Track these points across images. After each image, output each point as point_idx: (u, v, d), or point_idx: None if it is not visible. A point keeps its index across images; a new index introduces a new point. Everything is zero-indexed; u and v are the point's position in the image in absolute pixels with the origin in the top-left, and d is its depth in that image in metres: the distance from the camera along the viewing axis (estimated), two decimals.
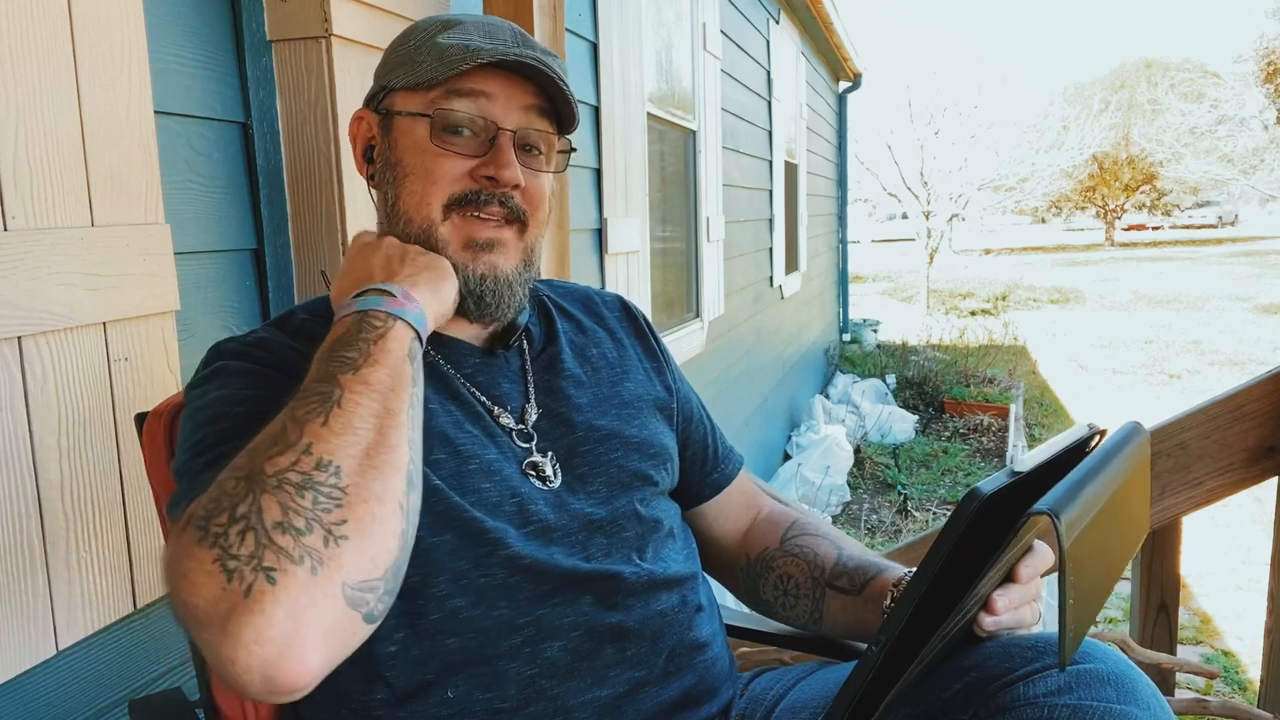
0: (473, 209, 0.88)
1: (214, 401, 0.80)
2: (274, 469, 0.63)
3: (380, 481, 0.66)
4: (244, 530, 0.60)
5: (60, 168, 1.08)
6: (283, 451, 0.64)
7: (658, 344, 1.10)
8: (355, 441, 0.66)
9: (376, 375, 0.71)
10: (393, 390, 0.71)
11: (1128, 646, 1.63)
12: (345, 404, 0.68)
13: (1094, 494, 0.64)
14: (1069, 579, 0.59)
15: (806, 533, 1.07)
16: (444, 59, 0.87)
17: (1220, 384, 7.46)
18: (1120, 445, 0.75)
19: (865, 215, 30.38)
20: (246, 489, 0.62)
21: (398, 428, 0.69)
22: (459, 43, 0.87)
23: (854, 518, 5.35)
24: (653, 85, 3.54)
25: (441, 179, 0.88)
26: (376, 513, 0.64)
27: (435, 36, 0.89)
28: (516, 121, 0.89)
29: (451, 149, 0.88)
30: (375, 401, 0.69)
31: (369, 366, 0.71)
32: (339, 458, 0.65)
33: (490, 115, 0.88)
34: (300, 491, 0.62)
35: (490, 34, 0.89)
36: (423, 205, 0.88)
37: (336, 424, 0.66)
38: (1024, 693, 0.77)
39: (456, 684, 0.83)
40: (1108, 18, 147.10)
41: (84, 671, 1.15)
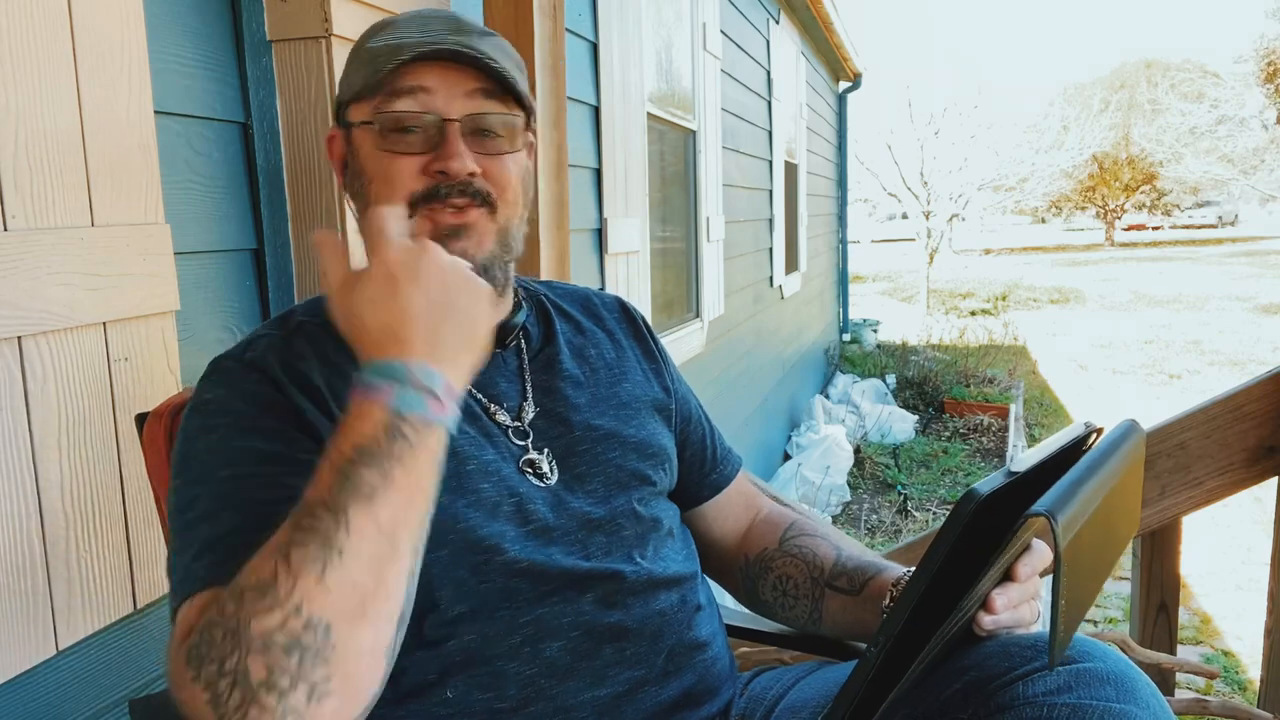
0: (436, 203, 0.87)
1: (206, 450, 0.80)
2: (261, 630, 0.62)
3: (372, 634, 0.64)
4: (232, 684, 0.62)
5: (60, 168, 1.08)
6: (271, 609, 0.62)
7: (656, 345, 1.10)
8: (351, 596, 0.63)
9: (392, 507, 0.65)
10: (405, 521, 0.66)
11: (1128, 646, 1.63)
12: (348, 553, 0.63)
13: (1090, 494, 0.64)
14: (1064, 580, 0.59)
15: (805, 533, 1.07)
16: (373, 63, 0.86)
17: (1220, 384, 7.46)
18: (1117, 444, 0.75)
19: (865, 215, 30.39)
20: (233, 646, 0.62)
21: (400, 570, 0.66)
22: (385, 43, 0.87)
23: (854, 518, 5.35)
24: (653, 85, 3.54)
25: (398, 179, 0.87)
26: (362, 668, 0.64)
27: (366, 43, 0.89)
28: (462, 109, 0.87)
29: (401, 149, 0.87)
30: (383, 544, 0.65)
31: (386, 494, 0.65)
32: (330, 616, 0.63)
33: (432, 108, 0.86)
34: (287, 653, 0.62)
35: (422, 26, 0.88)
36: None
37: (333, 579, 0.63)
38: (1023, 692, 0.77)
39: (456, 684, 0.83)
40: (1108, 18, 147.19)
41: (84, 671, 1.15)
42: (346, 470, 0.66)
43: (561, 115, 1.83)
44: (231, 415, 0.82)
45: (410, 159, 0.87)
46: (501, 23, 1.72)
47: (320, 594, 0.63)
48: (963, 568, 0.74)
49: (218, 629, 0.64)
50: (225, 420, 0.81)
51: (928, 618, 0.74)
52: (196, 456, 0.80)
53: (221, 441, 0.80)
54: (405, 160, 0.87)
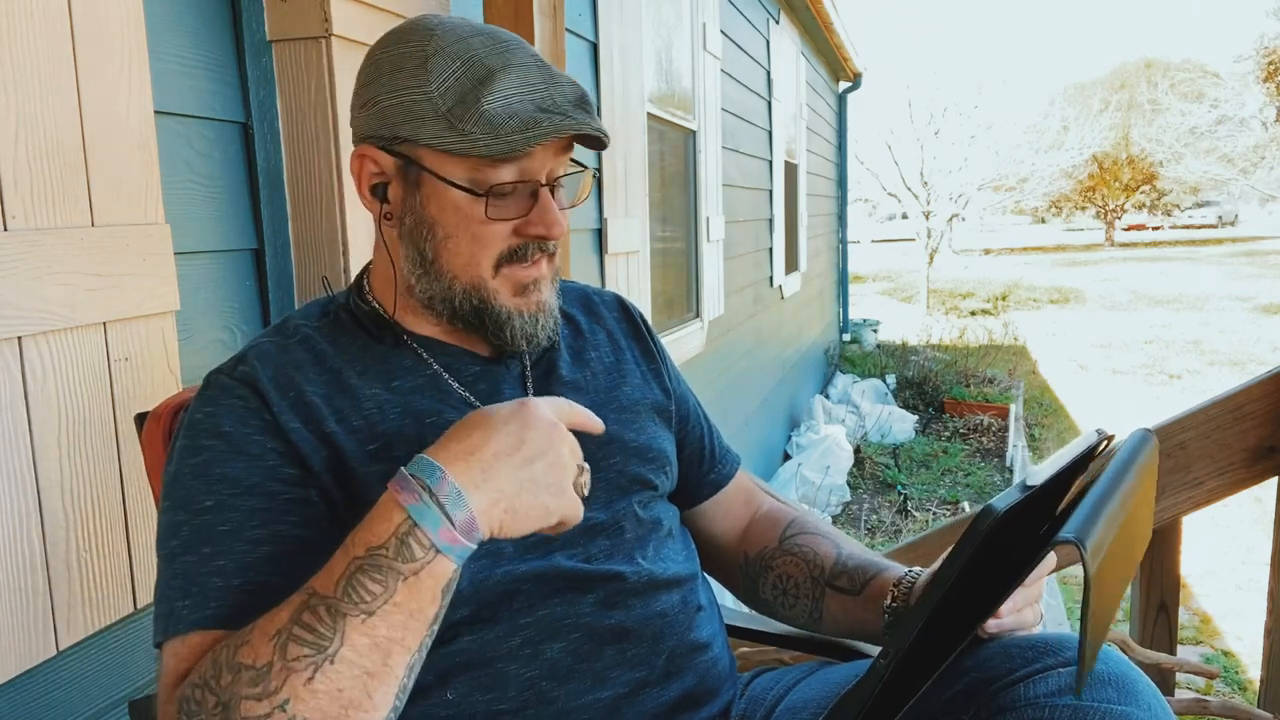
0: (518, 263, 0.88)
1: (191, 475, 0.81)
2: (246, 714, 0.64)
3: None
4: None
5: (60, 168, 1.08)
6: (259, 699, 0.64)
7: (655, 344, 1.10)
8: (335, 703, 0.64)
9: (388, 625, 0.65)
10: (400, 641, 0.66)
11: (1128, 646, 1.63)
12: (339, 661, 0.64)
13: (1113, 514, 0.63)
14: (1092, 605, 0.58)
15: (805, 531, 1.07)
16: (500, 134, 0.81)
17: (1220, 384, 7.46)
18: (1133, 456, 0.74)
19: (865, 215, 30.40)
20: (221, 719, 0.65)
21: (389, 686, 0.66)
22: (506, 111, 0.82)
23: (854, 518, 5.35)
24: (653, 85, 3.54)
25: (491, 243, 0.86)
26: None
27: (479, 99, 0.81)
28: (550, 169, 0.88)
29: (503, 217, 0.86)
30: (375, 661, 0.65)
31: (384, 611, 0.65)
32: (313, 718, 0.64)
33: (531, 174, 0.86)
34: None
35: (525, 82, 0.83)
36: (471, 265, 0.87)
37: (321, 684, 0.64)
38: (1025, 693, 0.77)
39: (457, 686, 0.83)
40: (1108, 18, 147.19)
41: (84, 671, 1.15)
42: (353, 572, 0.65)
43: None
44: (217, 438, 0.82)
45: (506, 223, 0.86)
46: (501, 23, 1.73)
47: (308, 696, 0.64)
48: (972, 577, 0.73)
49: (211, 696, 0.66)
50: (210, 443, 0.82)
51: (935, 628, 0.74)
52: (181, 481, 0.81)
53: (205, 467, 0.81)
54: (502, 224, 0.86)
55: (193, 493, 0.80)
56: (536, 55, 0.88)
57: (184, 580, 0.77)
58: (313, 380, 0.86)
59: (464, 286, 0.88)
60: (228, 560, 0.76)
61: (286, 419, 0.82)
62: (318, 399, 0.84)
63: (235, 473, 0.80)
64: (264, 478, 0.80)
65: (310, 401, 0.84)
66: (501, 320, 0.89)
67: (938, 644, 0.78)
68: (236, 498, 0.79)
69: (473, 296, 0.88)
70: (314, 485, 0.81)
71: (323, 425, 0.83)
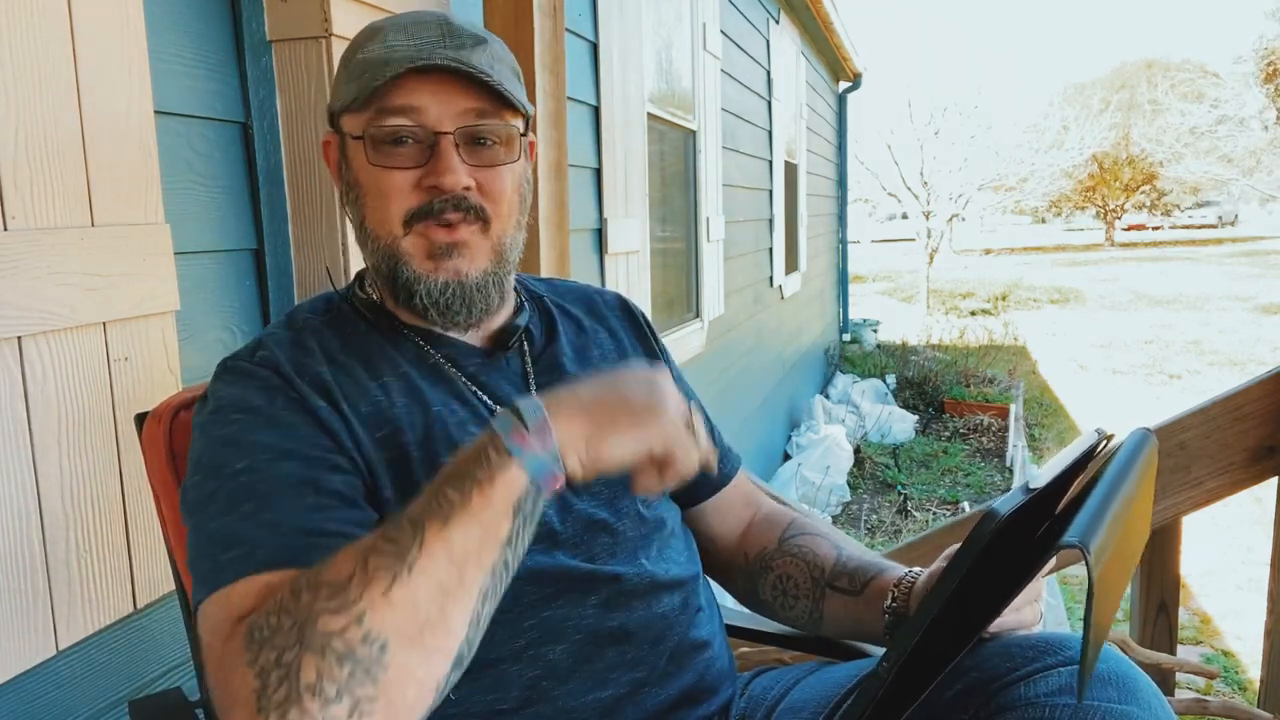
0: (430, 220, 0.86)
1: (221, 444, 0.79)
2: (324, 628, 0.62)
3: (424, 666, 0.63)
4: (282, 678, 0.62)
5: (60, 168, 1.08)
6: (338, 611, 0.62)
7: (657, 343, 1.10)
8: (410, 619, 0.63)
9: (463, 536, 0.64)
10: (476, 556, 0.65)
11: (1128, 646, 1.63)
12: (416, 572, 0.63)
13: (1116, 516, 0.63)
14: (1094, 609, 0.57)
15: (805, 532, 1.07)
16: (362, 77, 0.84)
17: (1220, 384, 7.46)
18: (1134, 456, 0.74)
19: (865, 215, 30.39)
20: (296, 638, 0.62)
21: (464, 607, 0.65)
22: (374, 55, 0.84)
23: (854, 518, 5.35)
24: (653, 85, 3.54)
25: (393, 194, 0.86)
26: (409, 696, 0.63)
27: (358, 52, 0.87)
28: (456, 120, 0.85)
29: (393, 164, 0.85)
30: (450, 572, 0.64)
31: (460, 520, 0.65)
32: (388, 634, 0.62)
33: (425, 122, 0.84)
34: (340, 662, 0.61)
35: (412, 34, 0.85)
36: (384, 222, 0.87)
37: (398, 595, 0.63)
38: (1025, 692, 0.77)
39: (458, 686, 0.83)
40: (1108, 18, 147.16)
41: (84, 671, 1.15)
42: (437, 486, 0.66)
43: (561, 115, 1.83)
44: (246, 412, 0.81)
45: (403, 174, 0.85)
46: (501, 23, 1.72)
47: (384, 607, 0.62)
48: (976, 581, 0.73)
49: (287, 616, 0.63)
50: (240, 416, 0.81)
51: (938, 632, 0.74)
52: (211, 451, 0.80)
53: (236, 435, 0.79)
54: (398, 175, 0.85)
55: (224, 460, 0.78)
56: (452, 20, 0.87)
57: (227, 537, 0.74)
58: (322, 365, 0.86)
59: (380, 248, 0.88)
60: (274, 513, 0.74)
61: (312, 399, 0.83)
62: (331, 382, 0.85)
63: (269, 440, 0.79)
64: (298, 444, 0.79)
65: (327, 384, 0.85)
66: (411, 283, 0.87)
67: (941, 647, 0.78)
68: (273, 462, 0.77)
69: (388, 257, 0.88)
70: (345, 455, 0.81)
71: (340, 407, 0.84)
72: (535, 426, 0.66)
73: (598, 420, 0.68)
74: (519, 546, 0.68)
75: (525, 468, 0.66)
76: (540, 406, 0.67)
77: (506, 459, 0.66)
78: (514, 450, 0.66)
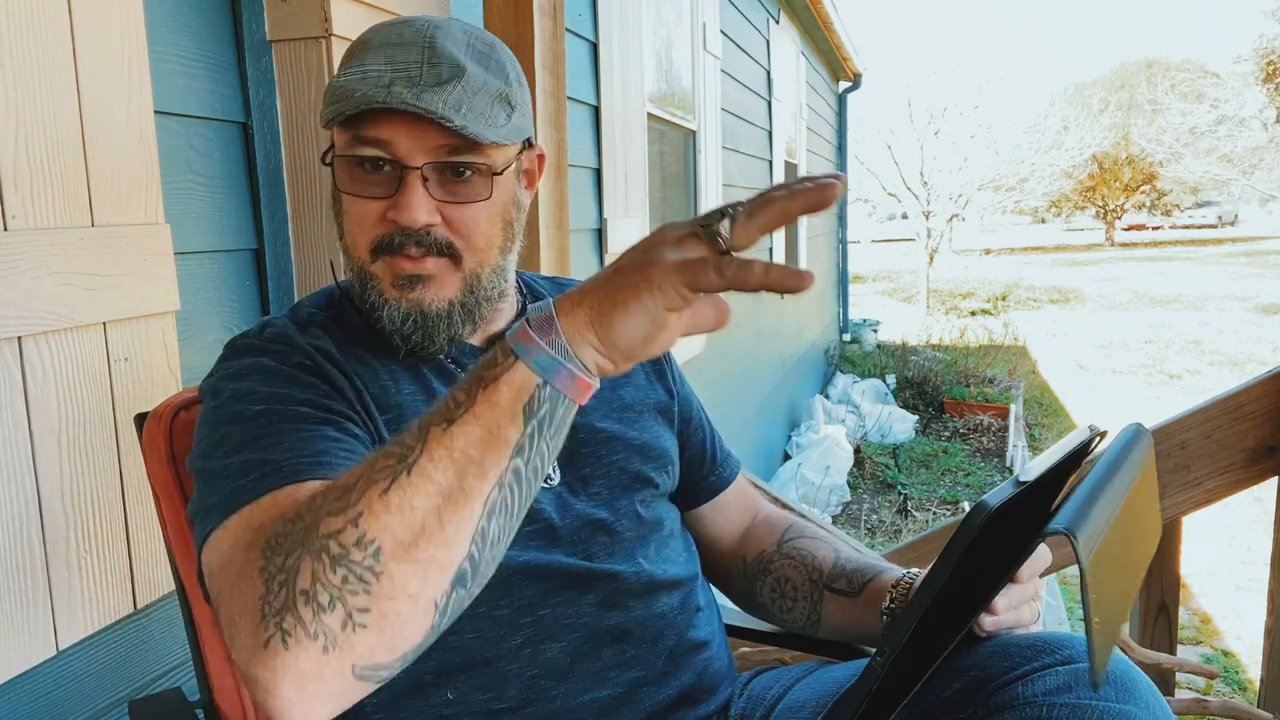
0: (393, 253, 0.85)
1: (232, 398, 0.80)
2: (325, 530, 0.61)
3: (419, 578, 0.60)
4: (282, 584, 0.61)
5: (60, 168, 1.08)
6: (338, 512, 0.61)
7: None
8: (405, 525, 0.60)
9: (464, 437, 0.61)
10: (479, 461, 0.61)
11: (1128, 646, 1.63)
12: (415, 473, 0.60)
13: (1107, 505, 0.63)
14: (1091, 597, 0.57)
15: (804, 535, 1.07)
16: (333, 105, 0.82)
17: (1220, 384, 7.46)
18: (1126, 450, 0.74)
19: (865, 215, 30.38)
20: (300, 540, 0.61)
21: (465, 516, 0.61)
22: (345, 84, 0.82)
23: (854, 518, 5.35)
24: (653, 85, 3.54)
25: (362, 222, 0.85)
26: (403, 610, 0.60)
27: (341, 69, 0.85)
28: (427, 155, 0.83)
29: (361, 193, 0.84)
30: (449, 476, 0.60)
31: (462, 422, 0.61)
32: (382, 539, 0.60)
33: (395, 155, 0.82)
34: (334, 565, 0.60)
35: (392, 57, 0.82)
36: (356, 245, 0.87)
37: (395, 498, 0.60)
38: (1023, 691, 0.77)
39: (457, 685, 0.83)
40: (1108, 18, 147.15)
41: (84, 671, 1.15)
42: (450, 393, 0.63)
43: (561, 115, 1.83)
44: (259, 371, 0.81)
45: (371, 203, 0.84)
46: (501, 23, 1.72)
47: (380, 509, 0.60)
48: (967, 573, 0.73)
49: (299, 523, 0.63)
50: (256, 375, 0.81)
51: (930, 624, 0.74)
52: (223, 404, 0.79)
53: (251, 387, 0.79)
54: (367, 204, 0.84)
55: (238, 410, 0.77)
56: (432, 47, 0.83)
57: (242, 465, 0.72)
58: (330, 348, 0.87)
59: (353, 267, 0.88)
60: (292, 443, 0.73)
61: (326, 368, 0.83)
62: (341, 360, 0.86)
63: (285, 392, 0.79)
64: (313, 399, 0.79)
65: (337, 358, 0.85)
66: (376, 307, 0.87)
67: (934, 640, 0.78)
68: (290, 407, 0.76)
69: (360, 278, 0.88)
70: (359, 420, 0.81)
71: (353, 380, 0.84)
72: (537, 323, 0.62)
73: (597, 303, 0.61)
74: (534, 458, 0.63)
75: (532, 365, 0.61)
76: (547, 304, 0.63)
77: (511, 359, 0.61)
78: (518, 349, 0.61)
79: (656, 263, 0.59)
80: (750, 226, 0.58)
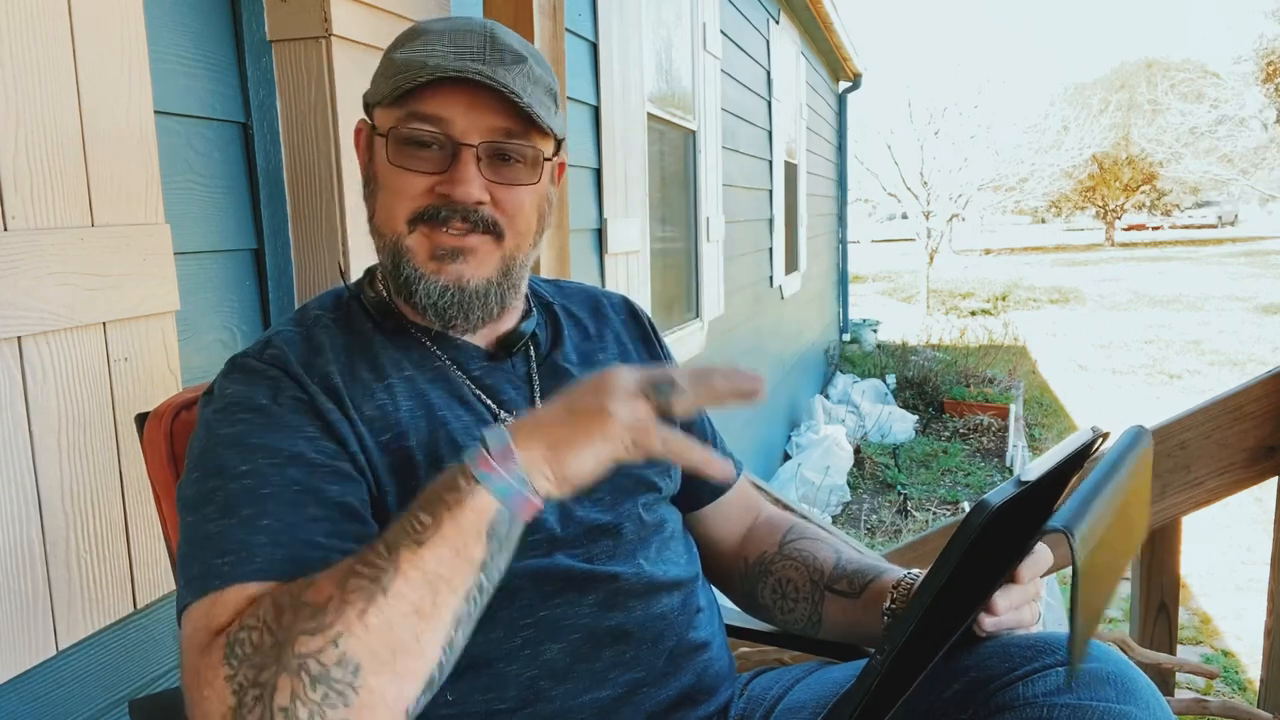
0: (437, 224, 0.86)
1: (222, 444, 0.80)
2: (301, 649, 0.63)
3: (395, 689, 0.65)
4: (258, 698, 0.63)
5: (60, 168, 1.08)
6: (315, 633, 0.64)
7: (661, 347, 1.10)
8: (384, 643, 0.64)
9: (435, 559, 0.66)
10: (449, 579, 0.66)
11: (1128, 646, 1.63)
12: (391, 594, 0.65)
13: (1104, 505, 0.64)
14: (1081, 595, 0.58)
15: (805, 536, 1.07)
16: (394, 78, 0.85)
17: (1220, 384, 7.46)
18: (1126, 452, 0.74)
19: (865, 215, 30.37)
20: (274, 656, 0.64)
21: (437, 631, 0.66)
22: (412, 58, 0.84)
23: (854, 518, 5.35)
24: (653, 85, 3.54)
25: (404, 194, 0.86)
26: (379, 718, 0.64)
27: (396, 50, 0.87)
28: (483, 135, 0.85)
29: (411, 167, 0.86)
30: (424, 595, 0.66)
31: (431, 544, 0.66)
32: (362, 657, 0.64)
33: (451, 132, 0.85)
34: (314, 684, 0.63)
35: (456, 41, 0.85)
36: (390, 219, 0.88)
37: (374, 619, 0.64)
38: (1023, 692, 0.77)
39: (456, 686, 0.83)
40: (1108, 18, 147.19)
41: (84, 671, 1.15)
42: (412, 510, 0.68)
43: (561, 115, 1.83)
44: (252, 410, 0.81)
45: (420, 177, 0.86)
46: (501, 22, 1.72)
47: (360, 630, 0.64)
48: (967, 573, 0.73)
49: (267, 635, 0.65)
50: (245, 415, 0.81)
51: (930, 623, 0.74)
52: (214, 451, 0.80)
53: (241, 436, 0.80)
54: (414, 177, 0.86)
55: (227, 461, 0.78)
56: (499, 37, 0.87)
57: (222, 541, 0.74)
58: (331, 365, 0.86)
59: (386, 243, 0.89)
60: (272, 520, 0.75)
61: (320, 399, 0.83)
62: (340, 383, 0.85)
63: (274, 442, 0.79)
64: (303, 448, 0.79)
65: (335, 385, 0.85)
66: (412, 281, 0.88)
67: (933, 639, 0.78)
68: (276, 466, 0.77)
69: (392, 253, 0.88)
70: (350, 461, 0.81)
71: (347, 410, 0.84)
72: (498, 453, 0.68)
73: (554, 439, 0.69)
74: (494, 572, 0.69)
75: (493, 492, 0.67)
76: (505, 434, 0.69)
77: (474, 485, 0.67)
78: (480, 476, 0.67)
79: (612, 416, 0.68)
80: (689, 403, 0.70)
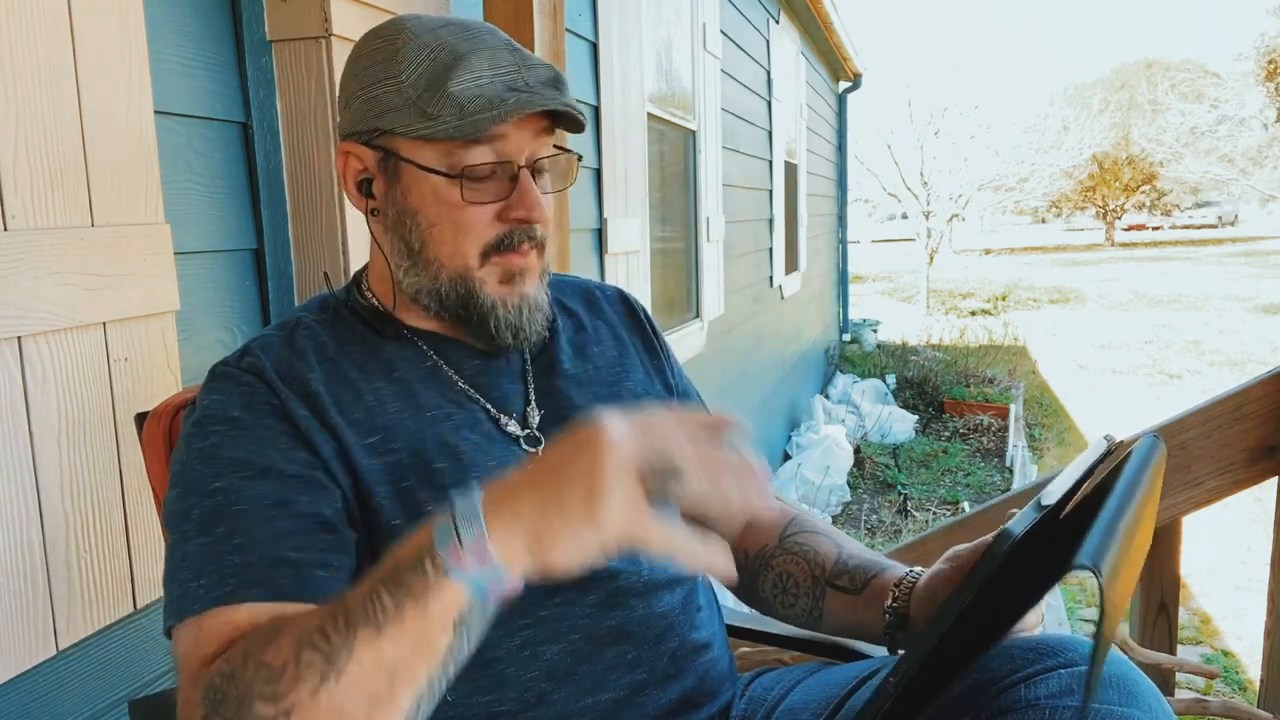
0: (508, 250, 0.87)
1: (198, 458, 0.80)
2: (259, 712, 0.63)
3: None
4: None
5: (60, 168, 1.08)
6: (270, 699, 0.63)
7: (658, 339, 1.10)
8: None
9: (394, 648, 0.62)
10: (408, 667, 0.62)
11: (1128, 646, 1.63)
12: (345, 679, 0.62)
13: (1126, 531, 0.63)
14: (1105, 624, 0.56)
15: (806, 530, 1.07)
16: (465, 113, 0.81)
17: (1220, 384, 7.46)
18: (1142, 469, 0.73)
19: (865, 215, 30.36)
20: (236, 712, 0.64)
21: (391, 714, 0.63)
22: (474, 92, 0.82)
23: (854, 518, 5.35)
24: (653, 85, 3.54)
25: (473, 229, 0.86)
26: None
27: (446, 82, 0.82)
28: (529, 152, 0.87)
29: (481, 200, 0.85)
30: (380, 684, 0.62)
31: (390, 635, 0.62)
32: None
33: (506, 155, 0.85)
34: None
35: (495, 64, 0.83)
36: (457, 255, 0.87)
37: (325, 699, 0.62)
38: (1026, 694, 0.77)
39: (456, 687, 0.83)
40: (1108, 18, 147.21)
41: (84, 671, 1.14)
42: (376, 584, 0.63)
43: None
44: (224, 423, 0.81)
45: (483, 209, 0.86)
46: (501, 22, 1.72)
47: (310, 709, 0.62)
48: (985, 595, 0.73)
49: (233, 687, 0.65)
50: (218, 428, 0.81)
51: (945, 644, 0.74)
52: (190, 466, 0.80)
53: (214, 450, 0.80)
54: (483, 209, 0.85)
55: (202, 477, 0.78)
56: (509, 41, 0.87)
57: (198, 561, 0.75)
58: (315, 369, 0.86)
59: (450, 275, 0.88)
60: (244, 538, 0.75)
61: (294, 406, 0.82)
62: (320, 388, 0.85)
63: (246, 455, 0.79)
64: (275, 460, 0.79)
65: (314, 391, 0.84)
66: (485, 310, 0.88)
67: (948, 659, 0.78)
68: (248, 480, 0.78)
69: (459, 285, 0.88)
70: (324, 470, 0.81)
71: (326, 415, 0.83)
72: (471, 547, 0.61)
73: (536, 531, 0.61)
74: (461, 652, 0.65)
75: (465, 586, 0.61)
76: (478, 519, 0.61)
77: (441, 576, 0.61)
78: (450, 571, 0.61)
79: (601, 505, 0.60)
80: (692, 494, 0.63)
